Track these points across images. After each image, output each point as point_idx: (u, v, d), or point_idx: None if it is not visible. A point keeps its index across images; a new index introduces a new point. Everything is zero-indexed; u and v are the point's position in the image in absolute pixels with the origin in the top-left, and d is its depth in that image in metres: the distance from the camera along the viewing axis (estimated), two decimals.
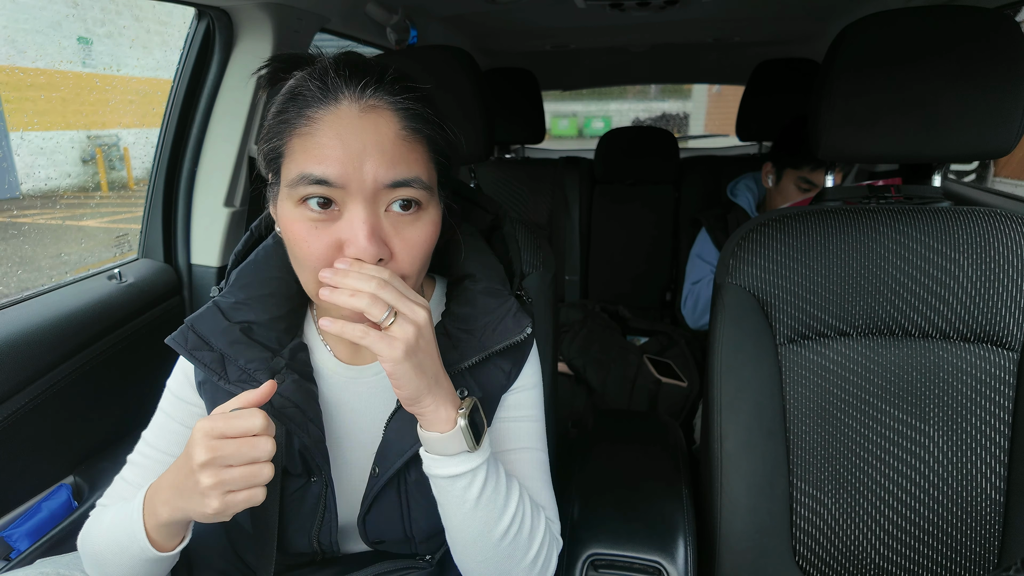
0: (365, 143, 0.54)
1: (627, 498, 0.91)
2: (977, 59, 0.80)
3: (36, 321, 0.92)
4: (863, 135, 0.85)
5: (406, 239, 0.58)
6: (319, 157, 0.54)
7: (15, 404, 0.88)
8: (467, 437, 0.59)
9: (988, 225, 0.86)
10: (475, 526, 0.62)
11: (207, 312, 0.67)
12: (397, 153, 0.56)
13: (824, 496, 0.88)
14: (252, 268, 0.70)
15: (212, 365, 0.64)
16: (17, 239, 2.86)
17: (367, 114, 0.55)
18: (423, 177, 0.57)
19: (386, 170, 0.55)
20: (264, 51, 1.16)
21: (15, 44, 2.99)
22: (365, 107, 0.55)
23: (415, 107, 0.57)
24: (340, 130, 0.54)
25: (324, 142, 0.54)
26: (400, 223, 0.57)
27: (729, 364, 0.88)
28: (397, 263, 0.58)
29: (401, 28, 1.50)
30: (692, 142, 6.57)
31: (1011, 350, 0.84)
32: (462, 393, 0.65)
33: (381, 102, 0.56)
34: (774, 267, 0.89)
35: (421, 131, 0.58)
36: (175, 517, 0.57)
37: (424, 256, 0.60)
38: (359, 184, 0.54)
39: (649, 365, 1.69)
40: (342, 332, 0.53)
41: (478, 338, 0.66)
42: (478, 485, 0.61)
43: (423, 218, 0.59)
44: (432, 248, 0.61)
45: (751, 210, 1.70)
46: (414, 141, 0.57)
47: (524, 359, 0.71)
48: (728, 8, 1.62)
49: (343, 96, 0.55)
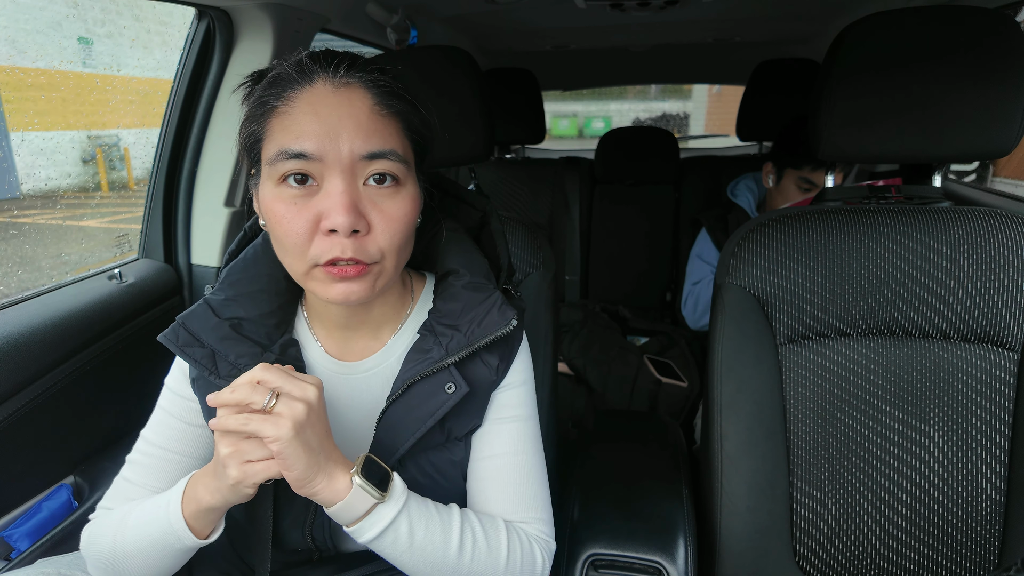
0: (340, 116, 0.57)
1: (627, 498, 0.91)
2: (977, 59, 0.80)
3: (36, 321, 0.92)
4: (863, 135, 0.85)
5: (384, 212, 0.59)
6: (296, 132, 0.56)
7: (15, 404, 0.88)
8: (369, 489, 0.58)
9: (988, 225, 0.86)
10: (425, 564, 0.61)
11: (198, 309, 0.68)
12: (372, 127, 0.58)
13: (824, 496, 0.88)
14: (241, 265, 0.71)
15: (203, 361, 0.64)
16: (17, 239, 2.86)
17: (341, 90, 0.58)
18: (398, 150, 0.59)
19: (362, 142, 0.57)
20: (264, 51, 1.16)
21: (15, 44, 2.99)
22: (339, 84, 0.58)
23: (387, 84, 0.60)
24: (316, 106, 0.57)
25: (300, 118, 0.56)
26: (378, 197, 0.59)
27: (729, 364, 0.88)
28: (374, 236, 0.59)
29: (401, 28, 1.50)
30: (692, 142, 6.57)
31: (1011, 350, 0.84)
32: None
33: (354, 79, 0.59)
34: (774, 267, 0.89)
35: (394, 107, 0.60)
36: (215, 501, 0.59)
37: (403, 232, 0.61)
38: (336, 156, 0.56)
39: (649, 365, 1.70)
40: (225, 426, 0.53)
41: (464, 333, 0.66)
42: (404, 531, 0.60)
43: (401, 192, 0.60)
44: (412, 225, 0.62)
45: (751, 210, 1.70)
46: (388, 116, 0.59)
47: (513, 354, 0.70)
48: (728, 8, 1.62)
49: (318, 76, 0.58)
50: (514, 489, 0.70)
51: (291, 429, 0.53)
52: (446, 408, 0.64)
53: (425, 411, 0.65)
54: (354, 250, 0.57)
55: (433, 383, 0.65)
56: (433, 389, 0.65)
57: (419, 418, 0.65)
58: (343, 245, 0.57)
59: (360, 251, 0.58)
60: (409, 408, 0.65)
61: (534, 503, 0.71)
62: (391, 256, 0.61)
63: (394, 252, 0.61)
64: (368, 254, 0.59)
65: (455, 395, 0.64)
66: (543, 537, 0.71)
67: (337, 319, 0.69)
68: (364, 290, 0.60)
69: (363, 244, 0.58)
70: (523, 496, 0.70)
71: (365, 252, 0.58)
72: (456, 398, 0.64)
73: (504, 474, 0.70)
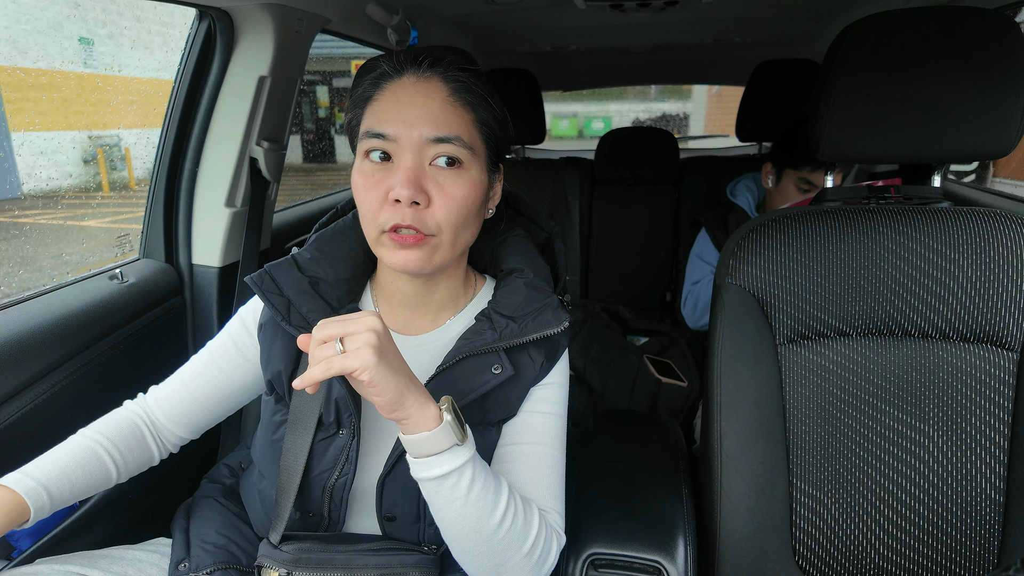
0: (416, 104, 0.66)
1: (627, 498, 0.92)
2: (977, 60, 0.80)
3: (38, 321, 0.92)
4: (863, 136, 0.85)
5: (445, 190, 0.66)
6: (380, 116, 0.66)
7: (17, 403, 0.88)
8: (455, 429, 0.61)
9: (988, 225, 0.86)
10: (468, 521, 0.63)
11: (284, 263, 0.76)
12: (442, 115, 0.66)
13: (824, 496, 0.88)
14: (330, 234, 0.80)
15: (279, 307, 0.71)
16: (19, 239, 2.87)
17: (421, 83, 0.67)
18: (464, 137, 0.67)
19: (431, 127, 0.65)
20: (265, 52, 1.16)
21: (17, 45, 3.00)
22: (421, 77, 0.68)
23: (463, 79, 0.68)
24: (399, 95, 0.67)
25: (386, 104, 0.67)
26: (442, 176, 0.66)
27: (729, 364, 0.89)
28: (433, 210, 0.66)
29: (402, 29, 1.50)
30: (692, 142, 6.57)
31: (1011, 350, 0.84)
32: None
33: (434, 74, 0.68)
34: (774, 267, 0.90)
35: (465, 99, 0.68)
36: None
37: (461, 210, 0.67)
38: (408, 138, 0.65)
39: (649, 365, 1.70)
40: (312, 378, 0.57)
41: (519, 325, 0.72)
42: (467, 479, 0.62)
43: (463, 175, 0.67)
44: (472, 207, 0.68)
45: (751, 210, 1.70)
46: (460, 107, 0.67)
47: (557, 356, 0.75)
48: (728, 9, 1.63)
49: (406, 71, 0.68)
50: (538, 477, 0.73)
51: (372, 353, 0.56)
52: (489, 386, 0.69)
53: (469, 385, 0.70)
54: (412, 219, 0.65)
55: (482, 361, 0.70)
56: (481, 367, 0.70)
57: (463, 391, 0.70)
58: (404, 214, 0.64)
59: (418, 221, 0.65)
60: (455, 380, 0.70)
61: (554, 495, 0.74)
62: (448, 231, 0.67)
63: (451, 227, 0.67)
64: (426, 225, 0.66)
65: (500, 376, 0.70)
66: (557, 530, 0.73)
67: (402, 296, 0.76)
68: (421, 260, 0.67)
69: (422, 216, 0.65)
70: (546, 486, 0.74)
71: (423, 223, 0.65)
72: (501, 379, 0.70)
73: (531, 462, 0.74)
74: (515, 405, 0.73)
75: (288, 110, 1.29)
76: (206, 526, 0.81)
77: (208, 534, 0.80)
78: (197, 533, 0.81)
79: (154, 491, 1.06)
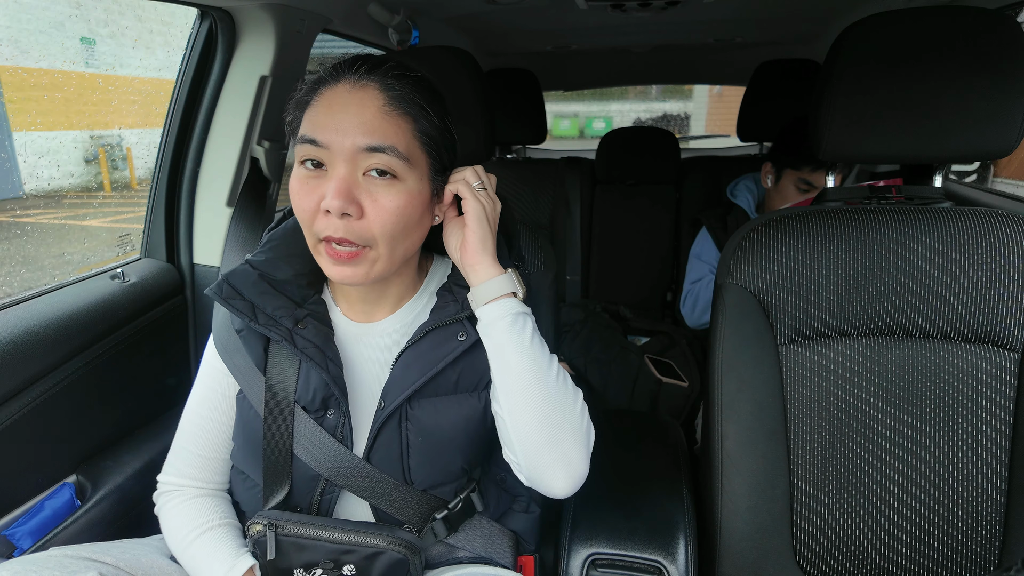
0: (349, 113, 0.65)
1: (628, 498, 0.92)
2: (978, 60, 0.80)
3: (39, 320, 0.93)
4: (864, 136, 0.85)
5: (378, 202, 0.66)
6: (314, 122, 0.66)
7: (18, 402, 0.88)
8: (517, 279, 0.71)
9: (989, 226, 0.86)
10: (533, 366, 0.70)
11: (240, 268, 0.76)
12: (377, 124, 0.65)
13: (825, 496, 0.88)
14: (281, 233, 0.81)
15: (244, 311, 0.73)
16: (20, 239, 2.87)
17: (357, 90, 0.66)
18: (399, 148, 0.66)
19: (364, 136, 0.64)
20: (266, 52, 1.17)
21: (18, 44, 3.00)
22: (356, 84, 0.66)
23: (400, 89, 0.67)
24: (333, 102, 0.66)
25: (320, 111, 0.66)
26: (375, 187, 0.66)
27: (730, 364, 0.89)
28: (367, 222, 0.66)
29: (403, 29, 1.50)
30: (693, 142, 6.56)
31: (1012, 351, 0.84)
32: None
33: (371, 81, 0.67)
34: (775, 267, 0.90)
35: (403, 109, 0.67)
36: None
37: (395, 222, 0.67)
38: (340, 147, 0.65)
39: (650, 365, 1.70)
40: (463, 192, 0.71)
41: None
42: (531, 325, 0.71)
43: (397, 187, 0.67)
44: (408, 218, 0.68)
45: (751, 211, 1.70)
46: (396, 117, 0.66)
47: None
48: (729, 9, 1.62)
49: (343, 78, 0.67)
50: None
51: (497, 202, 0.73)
52: (455, 353, 0.73)
53: (438, 355, 0.73)
54: (345, 231, 0.65)
55: (448, 332, 0.74)
56: (447, 336, 0.74)
57: (432, 361, 0.73)
58: (335, 225, 0.65)
59: (351, 233, 0.65)
60: (423, 352, 0.73)
61: None
62: (384, 243, 0.67)
63: (387, 239, 0.67)
64: (361, 236, 0.66)
65: (466, 342, 0.73)
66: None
67: (357, 295, 0.78)
68: (359, 274, 0.68)
69: (355, 227, 0.65)
70: None
71: (357, 234, 0.66)
72: (466, 344, 0.73)
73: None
74: (487, 373, 0.75)
75: None
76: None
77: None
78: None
79: (154, 488, 1.06)
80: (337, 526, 0.73)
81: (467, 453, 0.77)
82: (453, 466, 0.77)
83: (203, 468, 0.81)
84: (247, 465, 0.79)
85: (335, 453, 0.73)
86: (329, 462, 0.73)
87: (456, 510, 0.78)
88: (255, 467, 0.77)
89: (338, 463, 0.73)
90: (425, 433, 0.74)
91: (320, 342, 0.73)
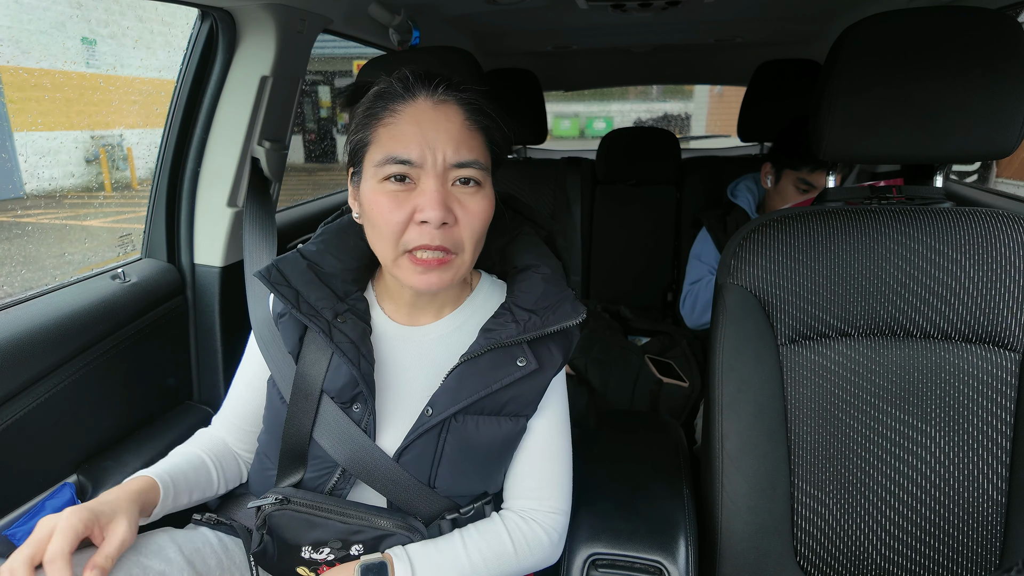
0: (437, 130, 0.68)
1: (628, 498, 0.92)
2: (979, 60, 0.80)
3: (40, 320, 0.93)
4: (865, 136, 0.85)
5: (468, 209, 0.70)
6: (403, 141, 0.68)
7: (19, 402, 0.88)
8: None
9: (990, 226, 0.86)
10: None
11: (290, 256, 0.80)
12: (462, 139, 0.69)
13: (825, 496, 0.88)
14: (335, 228, 0.84)
15: (288, 296, 0.75)
16: (21, 239, 2.87)
17: (439, 107, 0.70)
18: (481, 160, 0.71)
19: (453, 152, 0.68)
20: (267, 52, 1.17)
21: (20, 45, 3.00)
22: (438, 101, 0.70)
23: (476, 102, 0.72)
24: (419, 119, 0.69)
25: (406, 129, 0.68)
26: (463, 195, 0.70)
27: (730, 364, 0.89)
28: (460, 228, 0.70)
29: (403, 29, 1.50)
30: (694, 143, 6.57)
31: (1013, 351, 0.84)
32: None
33: (451, 97, 0.71)
34: (775, 267, 0.90)
35: (481, 122, 0.72)
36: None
37: (482, 226, 0.71)
38: (432, 163, 0.68)
39: (650, 365, 1.70)
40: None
41: (540, 318, 0.76)
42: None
43: (481, 193, 0.71)
44: (488, 221, 0.72)
45: (751, 211, 1.70)
46: (475, 130, 0.71)
47: (570, 350, 0.80)
48: (730, 9, 1.63)
49: (420, 93, 0.70)
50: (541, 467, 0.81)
51: None
52: (512, 378, 0.74)
53: (495, 376, 0.74)
54: (442, 239, 0.68)
55: (507, 354, 0.74)
56: (505, 359, 0.74)
57: (488, 381, 0.74)
58: (432, 235, 0.68)
59: (447, 240, 0.69)
60: (481, 369, 0.74)
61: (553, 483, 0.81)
62: (470, 247, 0.71)
63: (473, 243, 0.71)
64: (453, 243, 0.70)
65: (525, 369, 0.74)
66: (556, 529, 0.81)
67: (408, 298, 0.79)
68: (445, 280, 0.71)
69: (450, 234, 0.69)
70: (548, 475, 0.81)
71: (451, 241, 0.69)
72: (525, 371, 0.74)
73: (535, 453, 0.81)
74: (533, 401, 0.77)
75: (290, 110, 1.30)
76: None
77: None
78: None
79: None
80: (348, 507, 0.75)
81: (495, 473, 0.80)
82: (478, 482, 0.79)
83: (229, 431, 0.88)
84: (269, 447, 0.81)
85: (357, 443, 0.75)
86: (348, 451, 0.75)
87: (467, 516, 0.79)
88: (275, 451, 0.79)
89: (358, 453, 0.75)
90: (461, 448, 0.75)
91: (356, 338, 0.75)
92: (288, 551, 0.75)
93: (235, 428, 0.88)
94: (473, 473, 0.77)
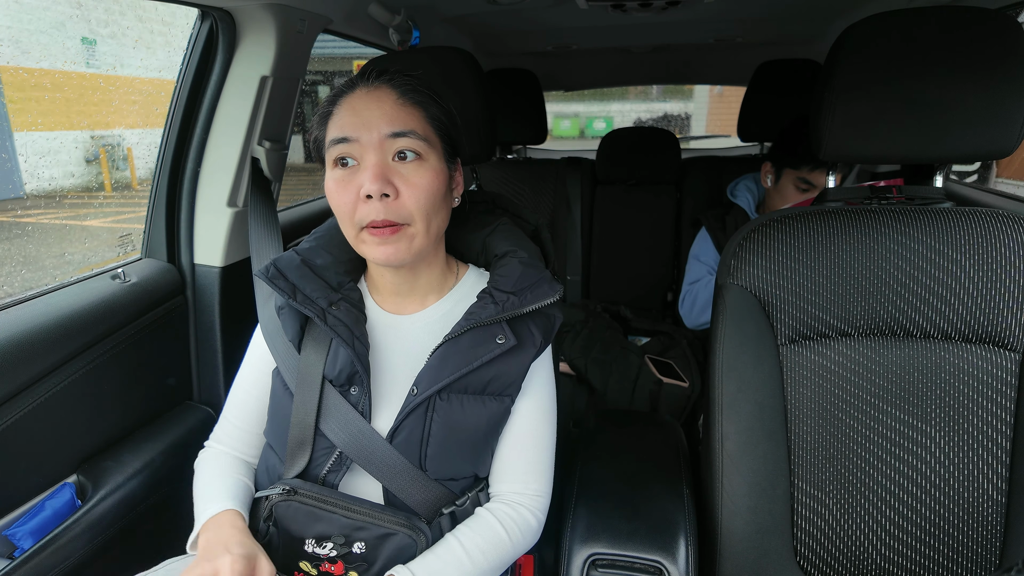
0: (370, 108, 0.74)
1: (628, 498, 0.92)
2: (979, 60, 0.80)
3: (40, 320, 0.93)
4: (865, 136, 0.85)
5: (410, 181, 0.73)
6: (340, 124, 0.74)
7: (19, 402, 0.88)
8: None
9: (990, 226, 0.86)
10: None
11: (286, 255, 0.85)
12: (395, 113, 0.74)
13: (825, 496, 0.88)
14: (326, 226, 0.90)
15: (285, 289, 0.80)
16: (21, 239, 2.88)
17: (372, 92, 0.76)
18: (418, 131, 0.74)
19: (387, 124, 0.73)
20: (267, 52, 1.17)
21: (20, 45, 3.00)
22: (371, 87, 0.76)
23: (408, 82, 0.77)
24: (355, 106, 0.75)
25: (344, 114, 0.75)
26: (404, 169, 0.74)
27: (730, 364, 0.89)
28: (403, 201, 0.73)
29: (403, 29, 1.50)
30: (694, 142, 6.57)
31: (1013, 351, 0.84)
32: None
33: (383, 83, 0.76)
34: (775, 267, 0.90)
35: (414, 98, 0.76)
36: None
37: (428, 198, 0.74)
38: (368, 138, 0.73)
39: (650, 365, 1.70)
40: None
41: (519, 298, 0.79)
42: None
43: (424, 166, 0.75)
44: (437, 194, 0.75)
45: (751, 211, 1.70)
46: (409, 106, 0.76)
47: (551, 334, 0.83)
48: (730, 9, 1.63)
49: (358, 85, 0.77)
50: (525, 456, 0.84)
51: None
52: (493, 354, 0.76)
53: (475, 353, 0.77)
54: (386, 212, 0.72)
55: (487, 332, 0.77)
56: (486, 337, 0.77)
57: (469, 358, 0.77)
58: (376, 209, 0.72)
59: (391, 212, 0.72)
60: (462, 347, 0.77)
61: (536, 472, 0.85)
62: (420, 218, 0.74)
63: (422, 214, 0.74)
64: (399, 215, 0.73)
65: (504, 345, 0.77)
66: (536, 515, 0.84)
67: (390, 285, 0.83)
68: (401, 251, 0.74)
69: (394, 207, 0.72)
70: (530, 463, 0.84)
71: (396, 213, 0.73)
72: (505, 347, 0.77)
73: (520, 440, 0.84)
74: (517, 381, 0.80)
75: (290, 110, 1.30)
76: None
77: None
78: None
79: (156, 489, 1.06)
80: (353, 502, 0.76)
81: (482, 454, 0.82)
82: (466, 463, 0.81)
83: (237, 439, 0.89)
84: (275, 438, 0.83)
85: (356, 427, 0.77)
86: (348, 435, 0.77)
87: (463, 507, 0.80)
88: (281, 440, 0.81)
89: (357, 437, 0.77)
90: (448, 427, 0.78)
91: (350, 322, 0.79)
92: (292, 544, 0.77)
93: (244, 434, 0.89)
94: (461, 454, 0.79)
